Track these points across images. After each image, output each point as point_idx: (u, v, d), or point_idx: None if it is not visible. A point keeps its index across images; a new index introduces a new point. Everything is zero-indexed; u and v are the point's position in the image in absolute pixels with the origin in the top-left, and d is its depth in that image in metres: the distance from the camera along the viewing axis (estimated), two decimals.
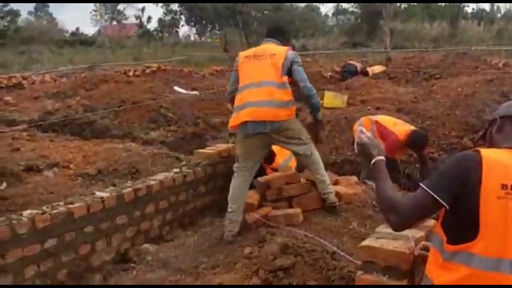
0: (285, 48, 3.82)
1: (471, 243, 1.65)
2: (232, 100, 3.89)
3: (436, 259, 1.77)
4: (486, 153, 1.70)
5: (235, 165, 3.84)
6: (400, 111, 7.59)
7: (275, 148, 4.91)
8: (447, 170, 1.74)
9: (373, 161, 1.95)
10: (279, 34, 3.98)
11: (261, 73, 3.69)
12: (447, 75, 10.19)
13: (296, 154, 3.92)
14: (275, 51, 3.76)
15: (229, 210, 3.76)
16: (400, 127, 5.41)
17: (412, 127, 5.46)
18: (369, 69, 13.40)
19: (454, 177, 1.68)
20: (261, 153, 3.90)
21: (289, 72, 3.68)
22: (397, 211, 1.74)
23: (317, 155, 3.88)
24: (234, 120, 3.71)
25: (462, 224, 1.67)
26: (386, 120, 5.58)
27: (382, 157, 1.96)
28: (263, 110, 3.60)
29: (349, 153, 6.50)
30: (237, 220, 3.75)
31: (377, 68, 13.50)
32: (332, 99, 8.44)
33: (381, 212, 1.86)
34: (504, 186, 1.63)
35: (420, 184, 1.77)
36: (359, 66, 13.46)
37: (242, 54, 3.95)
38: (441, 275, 1.73)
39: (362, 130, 2.07)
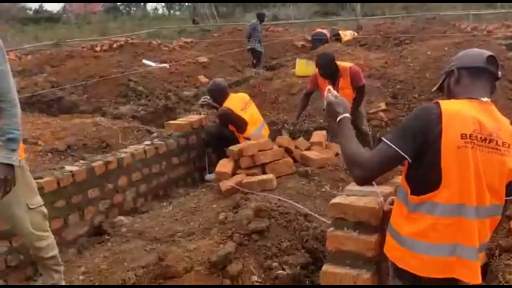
0: None
1: (434, 193, 1.70)
2: None
3: (401, 211, 1.82)
4: (445, 105, 1.73)
5: None
6: (371, 76, 7.61)
7: (246, 117, 4.93)
8: (408, 124, 1.76)
9: (338, 118, 1.96)
10: None
11: None
12: (417, 40, 10.22)
13: None
14: None
15: None
16: None
17: None
18: (341, 33, 13.46)
19: (415, 130, 1.71)
20: None
21: None
22: (361, 165, 1.77)
23: None
24: None
25: (425, 175, 1.71)
26: None
27: (348, 115, 1.98)
28: None
29: (321, 120, 6.54)
30: None
31: (349, 34, 13.51)
32: (304, 66, 8.40)
33: (346, 167, 1.88)
34: (463, 136, 1.67)
35: (382, 138, 1.79)
36: (328, 33, 13.46)
37: None
38: (406, 226, 1.78)
39: (330, 89, 2.10)
